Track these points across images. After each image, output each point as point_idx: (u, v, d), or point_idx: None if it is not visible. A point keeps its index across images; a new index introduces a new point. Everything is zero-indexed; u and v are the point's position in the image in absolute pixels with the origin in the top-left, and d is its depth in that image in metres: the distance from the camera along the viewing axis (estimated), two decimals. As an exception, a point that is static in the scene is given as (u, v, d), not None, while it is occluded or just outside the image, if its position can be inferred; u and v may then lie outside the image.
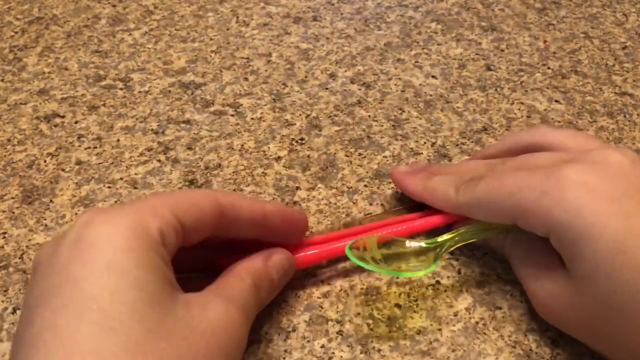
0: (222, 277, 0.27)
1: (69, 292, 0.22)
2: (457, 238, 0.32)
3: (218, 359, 0.23)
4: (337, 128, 0.43)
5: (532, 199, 0.27)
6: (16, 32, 0.53)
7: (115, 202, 0.37)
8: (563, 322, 0.29)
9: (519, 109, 0.44)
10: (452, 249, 0.32)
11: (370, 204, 0.37)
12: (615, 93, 0.46)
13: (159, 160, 0.40)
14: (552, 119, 0.44)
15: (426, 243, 0.31)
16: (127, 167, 0.40)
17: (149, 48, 0.50)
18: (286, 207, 0.31)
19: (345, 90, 0.46)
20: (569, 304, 0.28)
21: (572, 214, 0.26)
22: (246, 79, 0.47)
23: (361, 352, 0.30)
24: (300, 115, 0.44)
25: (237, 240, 0.29)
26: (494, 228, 0.32)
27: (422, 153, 0.41)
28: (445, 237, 0.32)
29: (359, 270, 0.34)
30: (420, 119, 0.44)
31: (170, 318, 0.23)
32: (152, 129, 0.43)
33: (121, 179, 0.39)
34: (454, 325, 0.31)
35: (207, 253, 0.30)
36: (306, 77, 0.47)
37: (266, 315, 0.31)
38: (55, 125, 0.43)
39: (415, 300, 0.32)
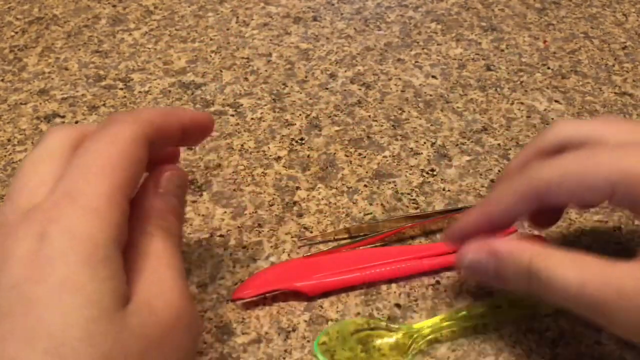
0: (137, 246, 0.25)
1: (19, 315, 0.20)
2: (434, 326, 0.30)
3: (178, 350, 0.23)
4: (337, 128, 0.43)
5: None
6: (16, 32, 0.53)
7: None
8: None
9: (518, 109, 0.44)
10: (428, 337, 0.30)
11: (370, 204, 0.37)
12: (615, 93, 0.46)
13: (159, 160, 0.40)
14: (552, 119, 0.44)
15: (401, 332, 0.30)
16: (127, 167, 0.40)
17: (149, 48, 0.50)
18: (195, 112, 0.29)
19: (345, 90, 0.46)
20: None
21: None
22: (246, 79, 0.47)
23: (361, 352, 0.30)
24: (300, 115, 0.44)
25: None
26: (473, 315, 0.30)
27: (422, 153, 0.41)
28: (423, 324, 0.30)
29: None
30: (420, 119, 0.44)
31: (124, 332, 0.21)
32: (152, 129, 0.43)
33: (121, 179, 0.39)
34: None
35: None
36: (306, 77, 0.47)
37: (266, 315, 0.31)
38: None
39: (415, 300, 0.32)
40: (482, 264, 0.27)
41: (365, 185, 0.38)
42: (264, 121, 0.43)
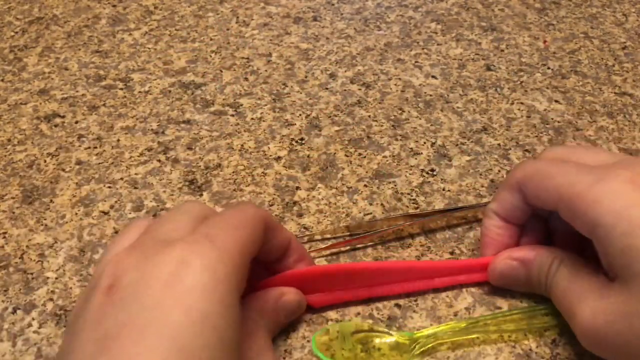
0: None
1: (154, 329, 0.21)
2: (435, 335, 0.30)
3: None
4: (337, 128, 0.43)
5: (586, 183, 0.27)
6: (16, 32, 0.53)
7: (116, 202, 0.37)
8: (612, 346, 0.26)
9: (518, 109, 0.44)
10: (428, 346, 0.30)
11: (370, 204, 0.37)
12: (615, 93, 0.46)
13: (159, 160, 0.40)
14: (552, 119, 0.44)
15: (401, 337, 0.30)
16: (127, 167, 0.40)
17: (149, 48, 0.50)
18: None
19: (345, 90, 0.46)
20: (620, 318, 0.25)
21: (627, 203, 0.25)
22: (246, 79, 0.47)
23: (361, 351, 0.30)
24: (300, 115, 0.44)
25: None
26: (476, 328, 0.30)
27: (421, 153, 0.41)
28: (424, 332, 0.30)
29: (359, 270, 0.34)
30: (420, 119, 0.44)
31: None
32: (152, 129, 0.43)
33: (121, 179, 0.39)
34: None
35: None
36: (306, 77, 0.47)
37: (266, 315, 0.31)
38: (56, 125, 0.43)
39: (415, 300, 0.32)
40: (512, 277, 0.31)
41: (365, 185, 0.38)
42: (264, 121, 0.43)
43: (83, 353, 0.21)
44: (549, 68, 0.48)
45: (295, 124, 0.43)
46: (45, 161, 0.40)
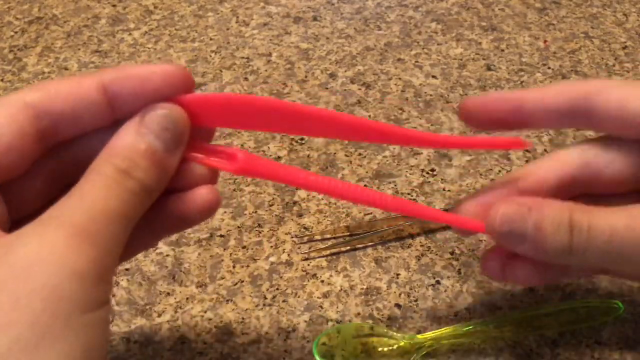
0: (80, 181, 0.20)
1: None
2: (437, 338, 0.30)
3: (37, 303, 0.17)
4: (337, 128, 0.43)
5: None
6: (16, 32, 0.53)
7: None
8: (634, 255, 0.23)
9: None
10: (429, 350, 0.29)
11: (370, 204, 0.37)
12: (615, 93, 0.46)
13: (159, 160, 0.40)
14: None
15: (403, 341, 0.30)
16: (127, 167, 0.40)
17: (149, 48, 0.50)
18: (135, 65, 0.25)
19: (345, 90, 0.46)
20: None
21: None
22: (246, 79, 0.47)
23: (362, 352, 0.30)
24: (300, 115, 0.44)
25: None
26: (478, 330, 0.30)
27: (422, 153, 0.41)
28: (427, 335, 0.30)
29: (359, 270, 0.34)
30: (420, 118, 0.43)
31: None
32: (152, 129, 0.43)
33: (121, 179, 0.39)
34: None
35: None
36: (306, 77, 0.47)
37: (266, 315, 0.31)
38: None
39: (416, 301, 0.32)
40: (518, 221, 0.24)
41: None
42: (264, 121, 0.43)
43: None
44: (549, 68, 0.48)
45: (295, 124, 0.43)
46: (45, 161, 0.40)
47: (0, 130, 0.20)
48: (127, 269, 0.34)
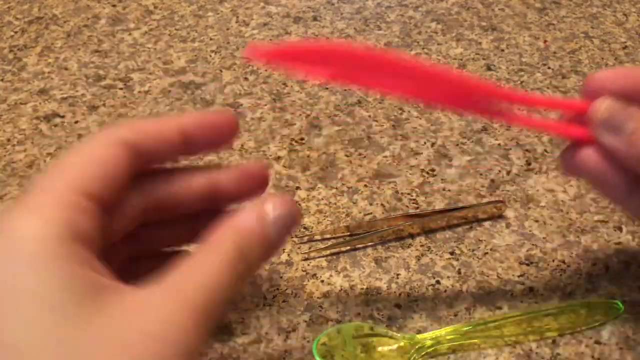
0: (195, 251, 0.21)
1: None
2: (437, 338, 0.30)
3: None
4: (337, 128, 0.43)
5: None
6: (16, 32, 0.53)
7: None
8: None
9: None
10: (430, 349, 0.29)
11: (370, 204, 0.37)
12: (615, 93, 0.46)
13: (159, 160, 0.40)
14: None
15: (403, 341, 0.30)
16: (127, 167, 0.40)
17: (149, 48, 0.50)
18: (205, 113, 0.27)
19: (345, 90, 0.46)
20: None
21: None
22: (246, 78, 0.47)
23: (361, 352, 0.30)
24: (300, 115, 0.44)
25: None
26: (477, 331, 0.30)
27: (422, 153, 0.41)
28: (427, 335, 0.30)
29: (359, 270, 0.34)
30: (420, 118, 0.43)
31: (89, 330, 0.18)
32: (152, 129, 0.43)
33: (121, 179, 0.39)
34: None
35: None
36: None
37: (266, 315, 0.31)
38: (55, 125, 0.43)
39: (416, 301, 0.32)
40: (620, 111, 0.26)
41: (365, 185, 0.38)
42: (264, 121, 0.43)
43: None
44: (549, 68, 0.48)
45: (295, 124, 0.43)
46: (45, 161, 0.40)
47: (106, 165, 0.22)
48: (127, 269, 0.34)
